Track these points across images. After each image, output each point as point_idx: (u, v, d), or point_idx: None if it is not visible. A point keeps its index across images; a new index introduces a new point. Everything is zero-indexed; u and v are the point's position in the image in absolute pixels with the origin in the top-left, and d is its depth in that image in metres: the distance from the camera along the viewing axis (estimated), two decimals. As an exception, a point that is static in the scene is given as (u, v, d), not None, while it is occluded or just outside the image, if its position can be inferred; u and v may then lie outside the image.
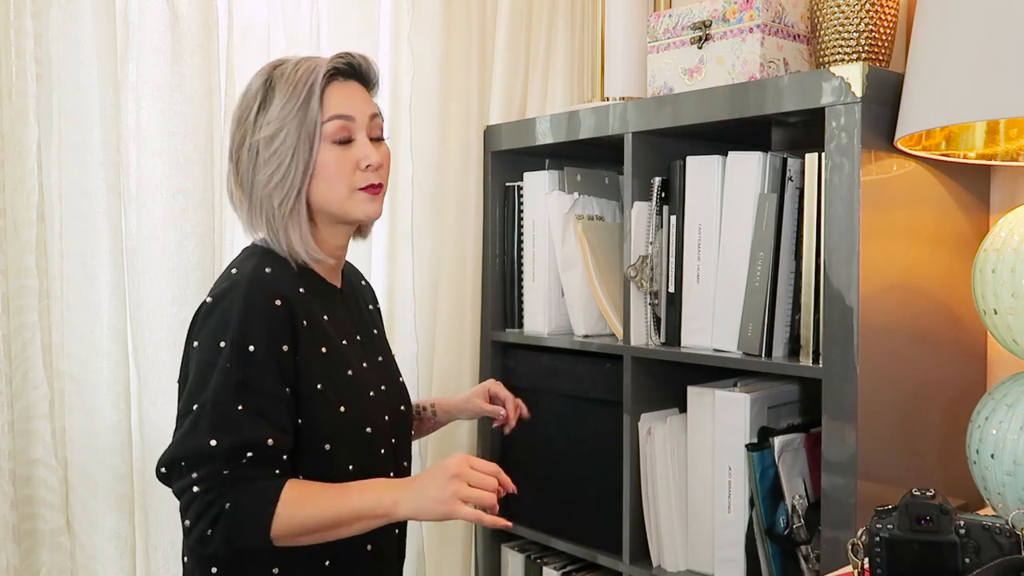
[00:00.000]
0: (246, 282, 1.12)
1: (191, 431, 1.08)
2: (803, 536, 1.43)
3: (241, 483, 1.07)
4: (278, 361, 1.11)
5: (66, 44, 1.38)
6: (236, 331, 1.09)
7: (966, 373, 1.49)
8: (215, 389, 1.08)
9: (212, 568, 1.15)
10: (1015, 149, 1.38)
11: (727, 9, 1.50)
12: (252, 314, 1.10)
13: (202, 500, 1.07)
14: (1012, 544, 0.95)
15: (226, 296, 1.12)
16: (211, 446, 1.07)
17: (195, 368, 1.11)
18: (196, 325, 1.15)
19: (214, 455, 1.07)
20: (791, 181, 1.41)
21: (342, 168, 1.18)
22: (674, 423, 1.58)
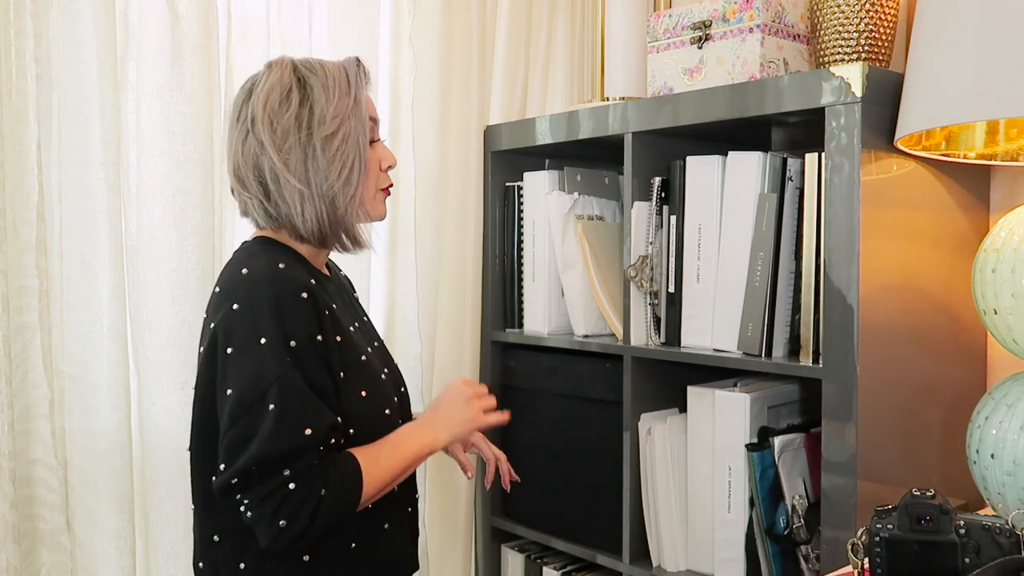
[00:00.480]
0: (270, 280, 1.13)
1: (278, 430, 1.07)
2: (803, 536, 1.43)
3: (328, 468, 1.11)
4: (318, 352, 1.14)
5: (66, 44, 1.38)
6: (275, 328, 1.10)
7: (966, 373, 1.49)
8: (285, 382, 1.09)
9: (240, 564, 1.16)
10: (1015, 149, 1.38)
11: (727, 9, 1.50)
12: (285, 310, 1.12)
13: (298, 495, 1.07)
14: (1012, 544, 0.95)
15: (252, 297, 1.12)
16: (307, 436, 1.08)
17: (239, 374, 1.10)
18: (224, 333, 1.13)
19: (312, 445, 1.09)
20: (791, 181, 1.41)
21: (375, 167, 1.25)
22: (674, 423, 1.58)
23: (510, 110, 1.93)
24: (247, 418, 1.08)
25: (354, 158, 1.20)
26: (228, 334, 1.12)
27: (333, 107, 1.18)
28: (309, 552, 1.16)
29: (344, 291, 1.35)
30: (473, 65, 1.88)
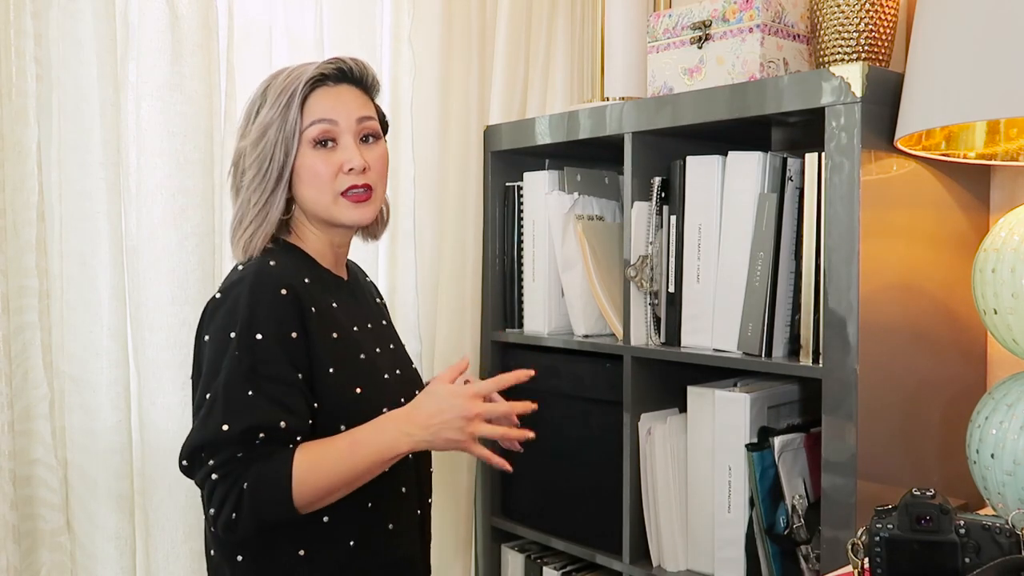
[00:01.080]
0: (252, 275, 1.16)
1: (205, 420, 1.11)
2: (803, 536, 1.43)
3: (256, 463, 1.10)
4: (286, 348, 1.13)
5: (66, 44, 1.38)
6: (243, 321, 1.12)
7: (966, 373, 1.49)
8: (225, 378, 1.11)
9: (238, 556, 1.16)
10: (1015, 149, 1.38)
11: (727, 9, 1.50)
12: (258, 304, 1.13)
13: (222, 485, 1.09)
14: (1012, 544, 0.95)
15: (233, 290, 1.16)
16: (224, 431, 1.09)
17: (207, 361, 1.15)
18: (205, 320, 1.18)
19: (229, 439, 1.09)
20: (791, 181, 1.41)
21: (326, 172, 1.20)
22: (674, 423, 1.58)
23: (510, 110, 1.93)
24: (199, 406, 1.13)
25: (268, 167, 1.18)
26: (207, 321, 1.16)
27: (264, 115, 1.19)
28: (305, 547, 1.16)
29: (360, 294, 1.35)
30: (473, 65, 1.88)
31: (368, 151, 1.23)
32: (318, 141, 1.20)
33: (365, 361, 1.23)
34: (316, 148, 1.20)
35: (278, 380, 1.12)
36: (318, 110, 1.20)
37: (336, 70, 1.22)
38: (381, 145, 1.26)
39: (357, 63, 1.25)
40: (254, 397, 1.11)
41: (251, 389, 1.11)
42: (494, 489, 1.93)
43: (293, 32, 1.65)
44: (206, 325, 1.17)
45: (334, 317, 1.21)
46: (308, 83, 1.19)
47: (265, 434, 1.10)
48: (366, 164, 1.21)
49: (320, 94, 1.21)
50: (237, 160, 1.23)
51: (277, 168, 1.19)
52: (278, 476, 1.09)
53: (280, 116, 1.18)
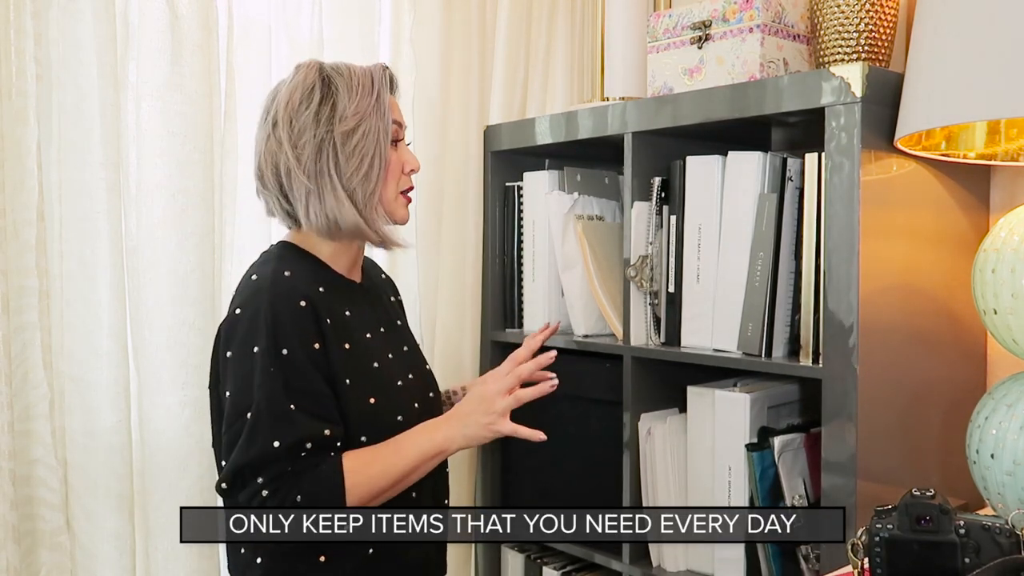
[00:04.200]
0: (269, 287, 1.16)
1: (250, 439, 1.11)
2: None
3: (306, 474, 1.11)
4: (313, 360, 1.15)
5: (66, 44, 1.38)
6: (268, 336, 1.13)
7: (966, 373, 1.49)
8: (265, 394, 1.11)
9: (257, 559, 1.17)
10: (1015, 149, 1.38)
11: (727, 9, 1.50)
12: (280, 318, 1.14)
13: (273, 501, 1.10)
14: (1012, 544, 0.95)
15: (251, 304, 1.16)
16: (275, 448, 1.10)
17: (234, 378, 1.15)
18: (225, 336, 1.18)
19: (279, 455, 1.10)
20: (791, 181, 1.41)
21: (397, 169, 1.26)
22: (674, 423, 1.58)
23: (510, 110, 1.93)
24: (236, 424, 1.13)
25: (373, 155, 1.21)
26: (228, 337, 1.16)
27: (355, 104, 1.20)
28: (326, 554, 1.16)
29: (375, 296, 1.36)
30: (473, 65, 1.88)
31: None
32: (394, 140, 1.25)
33: (379, 370, 1.24)
34: (391, 146, 1.24)
35: (312, 392, 1.14)
36: (394, 110, 1.26)
37: (391, 77, 1.28)
38: None
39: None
40: (296, 412, 1.12)
41: (292, 403, 1.12)
42: (494, 489, 1.93)
43: (293, 32, 1.65)
44: (227, 341, 1.17)
45: (347, 326, 1.21)
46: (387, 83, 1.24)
47: (311, 444, 1.12)
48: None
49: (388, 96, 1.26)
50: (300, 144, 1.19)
51: (382, 159, 1.22)
52: (332, 486, 1.12)
53: (375, 109, 1.21)
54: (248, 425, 1.11)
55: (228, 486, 1.13)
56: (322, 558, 1.17)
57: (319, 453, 1.13)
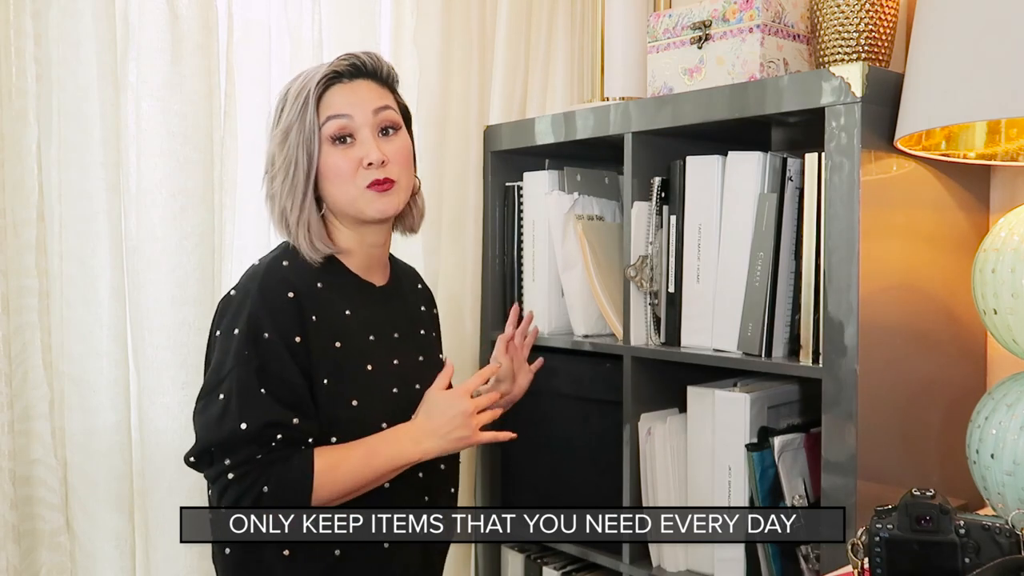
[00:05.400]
0: (262, 273, 1.18)
1: (220, 418, 1.11)
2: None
3: (276, 465, 1.11)
4: (292, 351, 1.15)
5: (66, 44, 1.38)
6: (251, 319, 1.14)
7: (966, 373, 1.49)
8: (237, 375, 1.12)
9: (226, 549, 1.18)
10: (1015, 149, 1.38)
11: (727, 9, 1.50)
12: (266, 304, 1.15)
13: (239, 485, 1.10)
14: (1012, 544, 0.95)
15: (243, 287, 1.18)
16: (242, 430, 1.10)
17: (216, 356, 1.16)
18: (218, 315, 1.20)
19: (247, 438, 1.11)
20: (791, 181, 1.41)
21: (347, 168, 1.21)
22: (674, 423, 1.58)
23: (510, 110, 1.93)
24: (204, 400, 1.14)
25: (293, 166, 1.19)
26: (219, 317, 1.19)
27: (287, 115, 1.20)
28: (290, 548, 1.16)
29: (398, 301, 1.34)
30: (473, 65, 1.88)
31: (387, 144, 1.23)
32: (336, 138, 1.21)
33: (371, 373, 1.22)
34: (335, 145, 1.21)
35: (286, 381, 1.14)
36: (333, 106, 1.21)
37: (350, 66, 1.23)
38: (401, 136, 1.26)
39: (371, 56, 1.25)
40: (267, 396, 1.12)
41: (263, 387, 1.12)
42: (494, 489, 1.93)
43: (293, 33, 1.65)
44: (218, 321, 1.19)
45: (343, 325, 1.20)
46: (322, 81, 1.20)
47: (281, 433, 1.12)
48: (384, 157, 1.21)
49: (335, 91, 1.21)
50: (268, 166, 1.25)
51: (304, 170, 1.20)
52: (300, 481, 1.11)
53: (299, 117, 1.19)
54: (220, 404, 1.12)
55: (196, 460, 1.14)
56: (286, 552, 1.16)
57: (289, 444, 1.13)
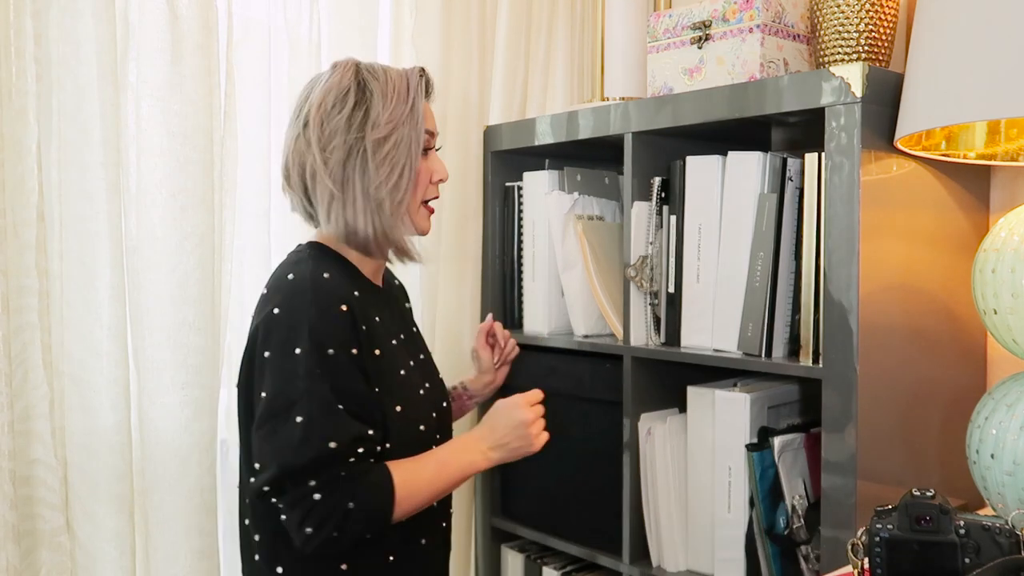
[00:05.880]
0: (312, 288, 1.14)
1: (303, 440, 1.08)
2: (803, 536, 1.43)
3: (357, 481, 1.10)
4: (355, 362, 1.14)
5: (66, 44, 1.38)
6: (313, 336, 1.11)
7: (966, 373, 1.49)
8: (314, 396, 1.09)
9: (278, 568, 1.16)
10: (1015, 149, 1.38)
11: (727, 9, 1.50)
12: (323, 318, 1.12)
13: (325, 505, 1.08)
14: (1012, 544, 0.95)
15: (291, 304, 1.14)
16: (331, 448, 1.09)
17: (272, 379, 1.12)
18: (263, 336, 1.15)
19: (334, 457, 1.09)
20: (791, 181, 1.41)
21: (425, 179, 1.25)
22: (674, 423, 1.58)
23: (510, 110, 1.93)
24: (273, 423, 1.10)
25: (404, 165, 1.19)
26: (266, 337, 1.14)
27: (389, 112, 1.18)
28: (347, 562, 1.16)
29: (394, 302, 1.36)
30: (473, 65, 1.88)
31: None
32: (425, 149, 1.23)
33: (405, 377, 1.24)
34: (422, 155, 1.23)
35: (357, 394, 1.13)
36: (428, 119, 1.24)
37: (428, 82, 1.26)
38: None
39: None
40: (345, 412, 1.11)
41: (340, 404, 1.10)
42: (494, 489, 1.93)
43: (293, 32, 1.65)
44: (265, 341, 1.14)
45: (377, 333, 1.21)
46: (421, 91, 1.22)
47: (362, 448, 1.11)
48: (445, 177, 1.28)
49: (424, 103, 1.24)
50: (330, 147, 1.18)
51: (413, 169, 1.20)
52: (383, 496, 1.11)
53: (410, 116, 1.19)
54: (299, 426, 1.08)
55: (271, 488, 1.09)
56: (344, 566, 1.16)
57: (367, 456, 1.13)
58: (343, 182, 1.18)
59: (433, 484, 1.17)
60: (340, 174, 1.18)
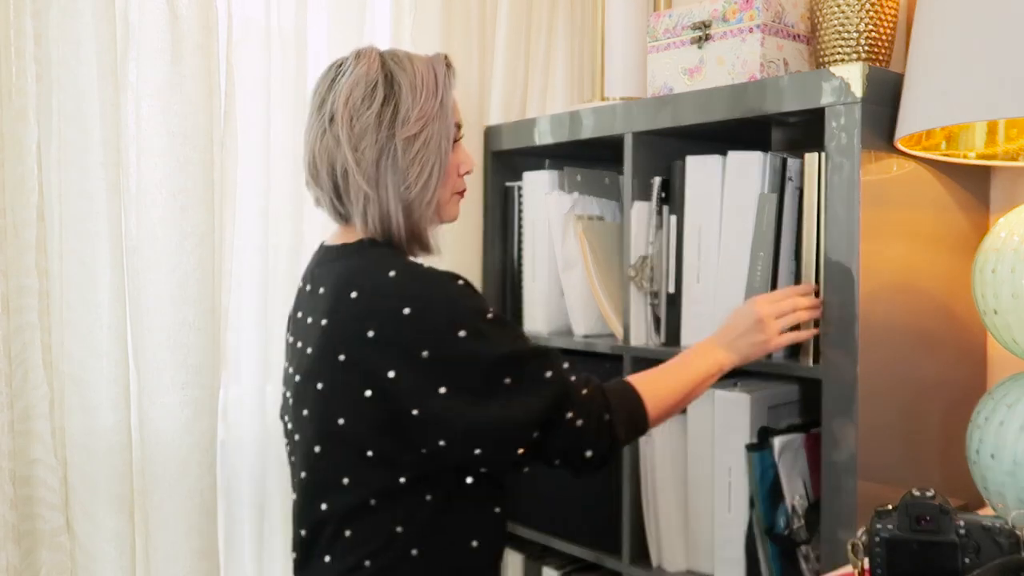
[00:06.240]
0: (427, 274, 1.13)
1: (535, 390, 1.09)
2: (803, 536, 1.43)
3: (606, 394, 1.14)
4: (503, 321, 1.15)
5: (66, 44, 1.38)
6: (471, 312, 1.10)
7: (966, 373, 1.49)
8: (515, 352, 1.10)
9: (412, 550, 1.14)
10: (1015, 149, 1.38)
11: (727, 9, 1.50)
12: (466, 292, 1.13)
13: (587, 426, 1.11)
14: (1012, 544, 0.95)
15: (422, 297, 1.09)
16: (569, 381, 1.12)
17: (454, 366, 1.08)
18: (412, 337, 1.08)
19: (566, 384, 1.11)
20: (791, 181, 1.41)
21: (453, 172, 1.23)
22: (674, 423, 1.58)
23: (510, 110, 1.93)
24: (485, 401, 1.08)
25: (434, 163, 1.16)
26: (414, 339, 1.07)
27: (418, 108, 1.15)
28: (479, 539, 1.17)
29: None
30: (473, 65, 1.88)
31: None
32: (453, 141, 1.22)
33: None
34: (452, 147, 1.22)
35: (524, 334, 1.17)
36: (455, 111, 1.22)
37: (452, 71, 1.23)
38: None
39: None
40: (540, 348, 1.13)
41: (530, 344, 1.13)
42: (494, 489, 1.93)
43: (293, 32, 1.65)
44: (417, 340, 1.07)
45: None
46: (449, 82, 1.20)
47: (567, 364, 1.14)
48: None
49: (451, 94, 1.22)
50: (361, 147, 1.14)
51: (442, 167, 1.18)
52: (632, 402, 1.16)
53: (440, 111, 1.17)
54: (525, 380, 1.09)
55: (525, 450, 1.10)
56: (474, 543, 1.16)
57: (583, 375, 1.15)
58: (376, 182, 1.15)
59: (675, 388, 1.21)
60: (374, 174, 1.15)
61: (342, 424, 1.11)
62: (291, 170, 1.64)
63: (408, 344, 1.07)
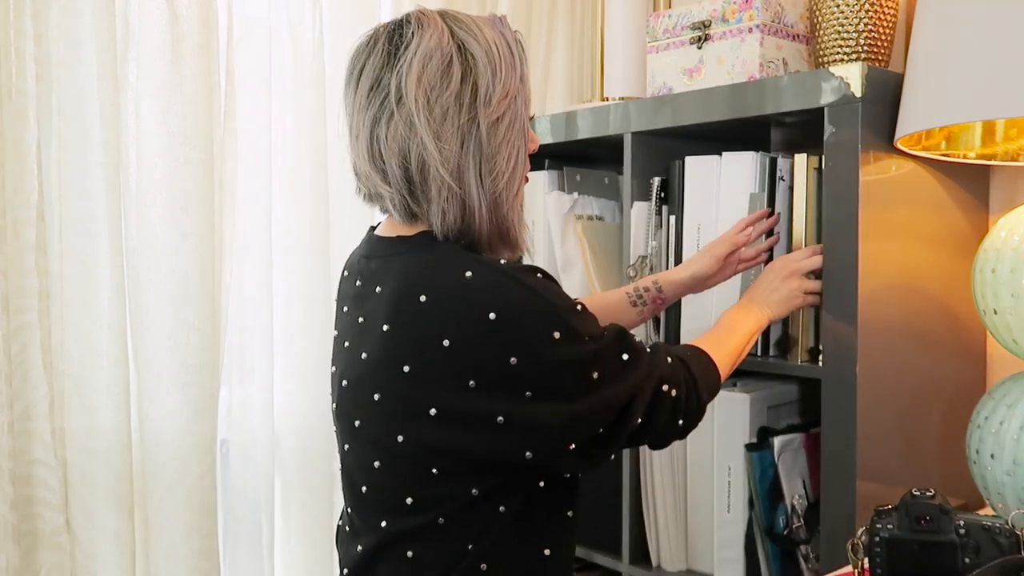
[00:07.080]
0: (508, 272, 0.98)
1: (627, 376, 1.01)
2: (803, 536, 1.43)
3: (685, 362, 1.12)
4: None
5: (66, 44, 1.38)
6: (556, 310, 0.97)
7: (966, 373, 1.49)
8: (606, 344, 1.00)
9: (481, 565, 1.02)
10: (1014, 149, 1.38)
11: (726, 9, 1.50)
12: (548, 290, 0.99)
13: (681, 395, 1.08)
14: (1012, 544, 0.95)
15: (509, 300, 0.96)
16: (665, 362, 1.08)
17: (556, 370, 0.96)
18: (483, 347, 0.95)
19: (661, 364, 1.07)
20: (783, 180, 1.42)
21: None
22: (674, 423, 1.58)
23: (510, 110, 1.93)
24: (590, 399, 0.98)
25: (519, 148, 1.02)
26: (504, 343, 0.95)
27: (501, 85, 1.00)
28: (550, 547, 1.07)
29: None
30: (473, 65, 1.87)
31: None
32: None
33: None
34: None
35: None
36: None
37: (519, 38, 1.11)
38: None
39: None
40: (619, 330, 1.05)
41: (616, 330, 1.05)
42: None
43: (293, 32, 1.65)
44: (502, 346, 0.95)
45: None
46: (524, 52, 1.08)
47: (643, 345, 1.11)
48: None
49: None
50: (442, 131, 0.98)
51: (526, 151, 1.04)
52: (708, 360, 1.16)
53: (520, 90, 1.02)
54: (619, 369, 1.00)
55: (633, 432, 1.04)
56: (547, 551, 1.06)
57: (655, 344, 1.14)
58: (460, 174, 0.98)
59: (733, 347, 1.21)
60: (456, 165, 0.98)
61: (401, 441, 0.99)
62: (291, 170, 1.64)
63: (495, 351, 0.95)
